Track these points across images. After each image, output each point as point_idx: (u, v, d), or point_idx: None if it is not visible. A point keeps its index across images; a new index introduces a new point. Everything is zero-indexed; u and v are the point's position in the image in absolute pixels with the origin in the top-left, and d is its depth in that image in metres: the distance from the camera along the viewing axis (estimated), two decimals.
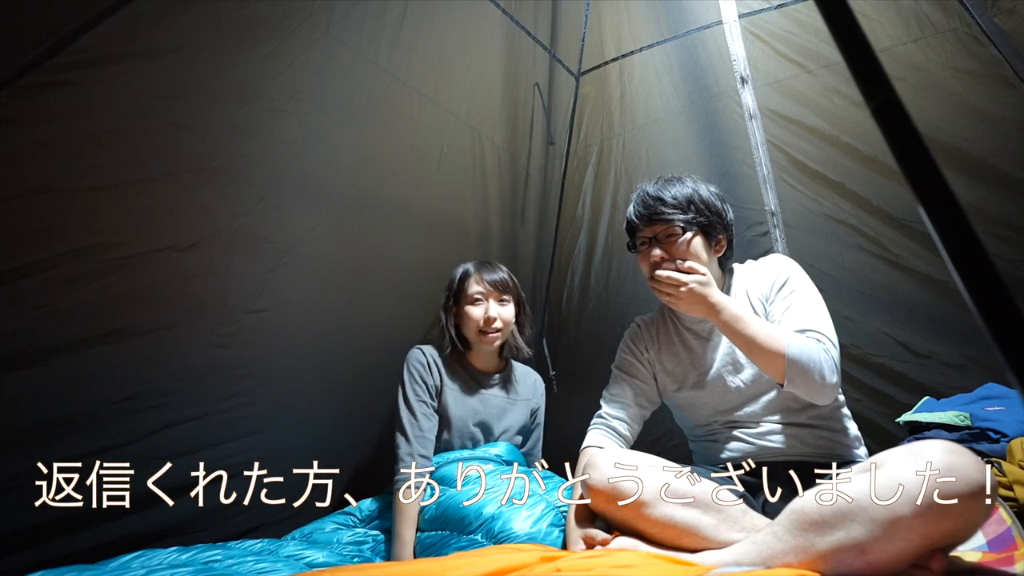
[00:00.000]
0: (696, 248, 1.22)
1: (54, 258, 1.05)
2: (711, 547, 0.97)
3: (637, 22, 2.10)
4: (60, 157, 1.02)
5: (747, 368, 1.23)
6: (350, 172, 1.52)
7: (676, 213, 1.21)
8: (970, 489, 0.76)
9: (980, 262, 0.45)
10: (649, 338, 1.36)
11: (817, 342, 1.11)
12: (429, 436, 1.43)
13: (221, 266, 1.30)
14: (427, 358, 1.51)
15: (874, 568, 0.81)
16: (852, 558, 0.82)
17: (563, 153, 2.27)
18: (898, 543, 0.79)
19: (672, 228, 1.21)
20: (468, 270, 1.54)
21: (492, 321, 1.49)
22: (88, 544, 1.15)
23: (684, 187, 1.24)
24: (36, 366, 1.08)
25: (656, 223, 1.22)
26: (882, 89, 0.50)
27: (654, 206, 1.22)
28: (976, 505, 0.77)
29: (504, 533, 1.18)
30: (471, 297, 1.50)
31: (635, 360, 1.35)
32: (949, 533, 0.79)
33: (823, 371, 1.08)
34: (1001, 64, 1.56)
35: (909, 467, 0.80)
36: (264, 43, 1.23)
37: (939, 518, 0.77)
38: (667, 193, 1.23)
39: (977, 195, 1.62)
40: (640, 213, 1.25)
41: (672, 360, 1.32)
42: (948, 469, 0.77)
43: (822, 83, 1.81)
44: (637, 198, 1.27)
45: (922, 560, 0.81)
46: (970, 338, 1.67)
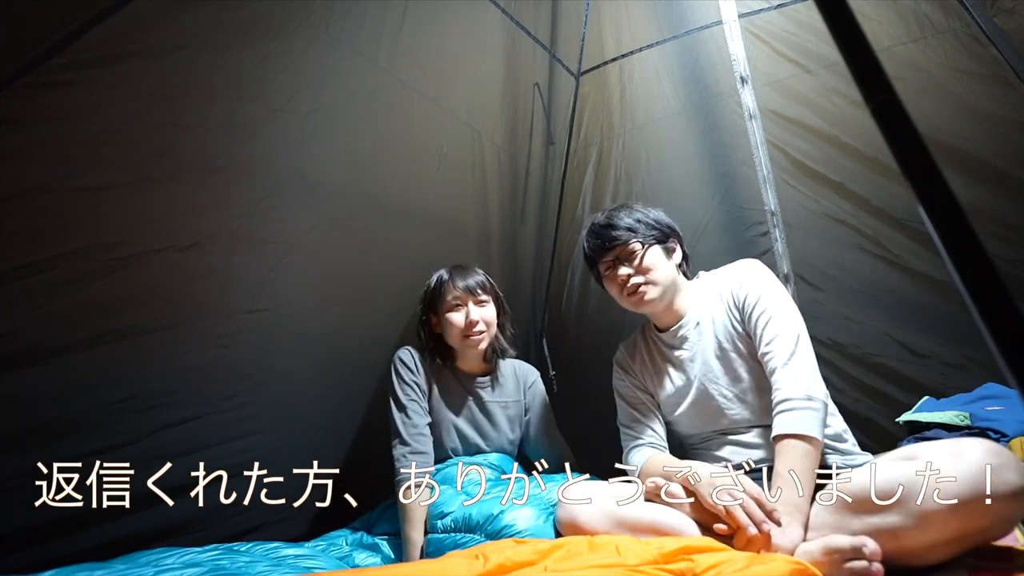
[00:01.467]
0: (654, 258, 1.29)
1: (54, 258, 1.05)
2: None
3: (637, 22, 2.10)
4: (60, 157, 1.02)
5: (726, 376, 1.25)
6: (350, 172, 1.52)
7: (628, 234, 1.29)
8: (1009, 490, 0.79)
9: (980, 262, 0.45)
10: (634, 360, 1.41)
11: (812, 412, 1.08)
12: (424, 432, 1.43)
13: (221, 266, 1.30)
14: (414, 359, 1.51)
15: (906, 552, 0.86)
16: (885, 541, 0.86)
17: (563, 153, 2.27)
18: (931, 533, 0.83)
19: (628, 248, 1.29)
20: (443, 276, 1.53)
21: (474, 324, 1.47)
22: (88, 544, 1.15)
23: (630, 212, 1.33)
24: (36, 366, 1.07)
25: (613, 248, 1.30)
26: (882, 89, 0.50)
27: (605, 234, 1.31)
28: (1015, 505, 0.80)
29: (506, 532, 1.18)
30: (449, 303, 1.49)
31: (632, 383, 1.39)
32: (984, 529, 0.83)
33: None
34: (1001, 64, 1.56)
35: (949, 465, 0.83)
36: (264, 43, 1.23)
37: (976, 516, 0.80)
38: (615, 220, 1.32)
39: (977, 195, 1.62)
40: (595, 245, 1.33)
41: (659, 377, 1.35)
42: (988, 469, 0.80)
43: (822, 83, 1.81)
44: (588, 233, 1.36)
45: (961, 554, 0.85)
46: (970, 338, 1.67)
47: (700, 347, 1.29)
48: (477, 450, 1.53)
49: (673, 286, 1.31)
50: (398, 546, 1.35)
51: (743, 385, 1.23)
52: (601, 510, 1.10)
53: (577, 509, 1.11)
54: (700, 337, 1.30)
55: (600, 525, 1.08)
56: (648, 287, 1.28)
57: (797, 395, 1.09)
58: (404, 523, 1.30)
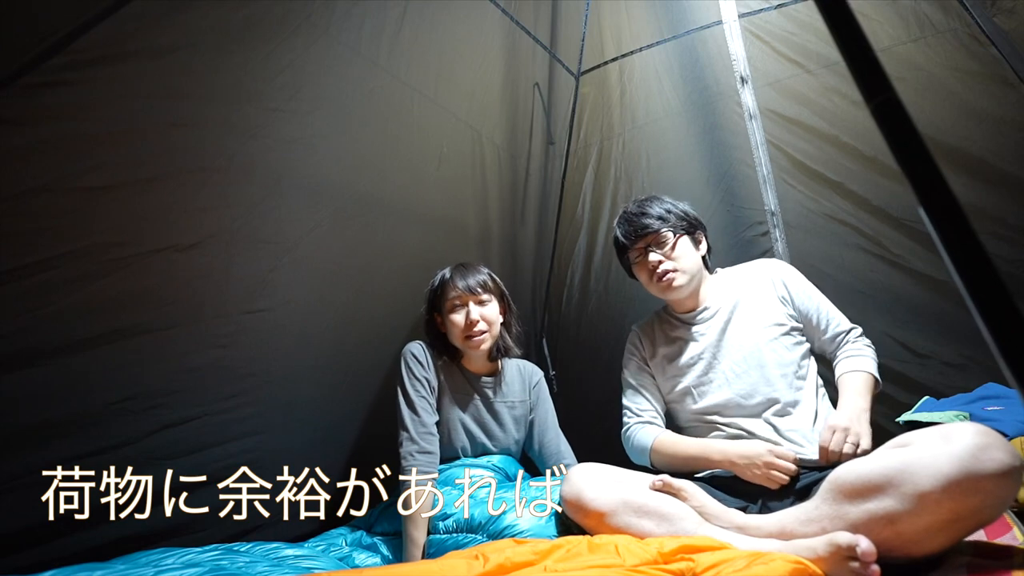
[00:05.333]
0: (684, 248, 1.38)
1: (54, 258, 1.05)
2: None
3: (637, 22, 2.10)
4: (60, 157, 1.02)
5: (741, 352, 1.33)
6: (350, 172, 1.52)
7: (659, 223, 1.37)
8: (999, 468, 0.81)
9: (980, 262, 0.45)
10: (648, 342, 1.46)
11: (868, 348, 1.35)
12: (432, 431, 1.41)
13: (221, 266, 1.30)
14: (425, 353, 1.50)
15: (903, 538, 0.86)
16: (881, 527, 0.87)
17: (563, 153, 2.27)
18: (926, 516, 0.84)
19: (660, 235, 1.37)
20: (444, 276, 1.52)
21: (474, 324, 1.46)
22: (88, 544, 1.15)
23: (661, 202, 1.42)
24: (36, 366, 1.07)
25: (646, 236, 1.38)
26: (882, 89, 0.50)
27: (638, 221, 1.39)
28: (1005, 484, 0.82)
29: (507, 533, 1.18)
30: (451, 303, 1.49)
31: (640, 363, 1.45)
32: (977, 510, 0.83)
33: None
34: (1001, 64, 1.56)
35: (939, 447, 0.85)
36: (264, 43, 1.23)
37: (967, 495, 0.81)
38: (648, 208, 1.40)
39: (977, 195, 1.62)
40: (628, 231, 1.41)
41: (676, 354, 1.40)
42: (978, 449, 0.82)
43: (822, 83, 1.81)
44: (621, 220, 1.44)
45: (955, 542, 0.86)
46: (970, 338, 1.67)
47: (718, 327, 1.37)
48: (484, 450, 1.53)
49: (698, 275, 1.40)
50: (398, 546, 1.35)
51: (758, 359, 1.32)
52: (607, 488, 1.10)
53: (583, 485, 1.11)
54: (720, 320, 1.38)
55: (605, 504, 1.08)
56: (677, 274, 1.35)
57: (863, 346, 1.34)
58: (407, 522, 1.29)
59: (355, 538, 1.44)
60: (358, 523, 1.49)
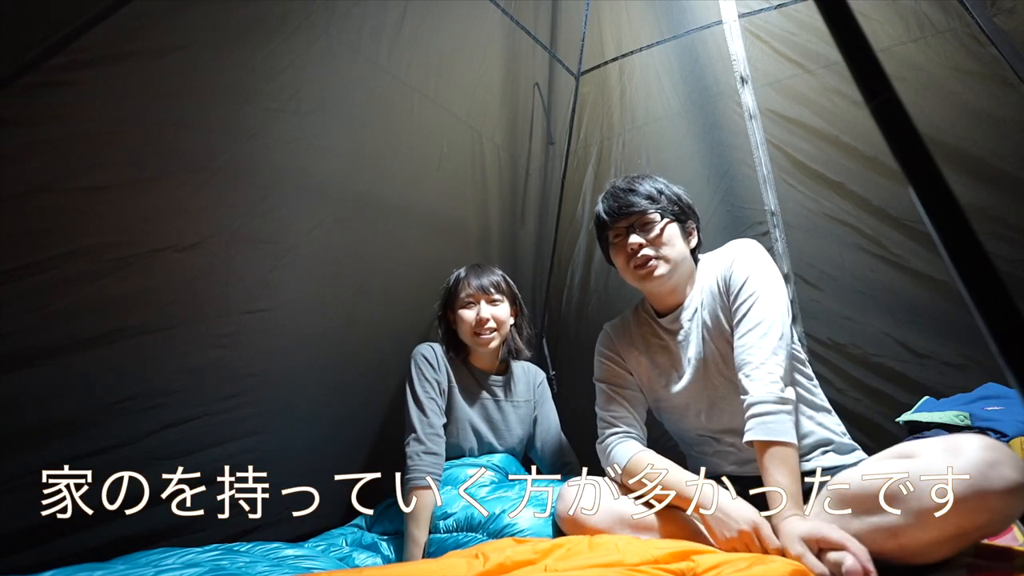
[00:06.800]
0: (671, 235, 1.22)
1: (54, 258, 1.05)
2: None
3: (637, 22, 2.10)
4: (60, 157, 1.02)
5: (724, 363, 1.18)
6: (350, 172, 1.52)
7: (648, 203, 1.22)
8: (1007, 486, 0.79)
9: (980, 262, 0.45)
10: (625, 342, 1.33)
11: (787, 416, 1.04)
12: (439, 433, 1.42)
13: (221, 266, 1.30)
14: (435, 354, 1.51)
15: (906, 550, 0.85)
16: (885, 539, 0.86)
17: (563, 153, 2.27)
18: (931, 531, 0.82)
19: (646, 217, 1.21)
20: (460, 274, 1.56)
21: (484, 322, 1.49)
22: (88, 544, 1.15)
23: (653, 181, 1.26)
24: (36, 366, 1.07)
25: (631, 214, 1.22)
26: (882, 89, 0.50)
27: (626, 198, 1.23)
28: (1012, 501, 0.80)
29: (507, 532, 1.18)
30: (463, 301, 1.51)
31: (616, 367, 1.32)
32: (983, 525, 0.82)
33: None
34: (1001, 64, 1.56)
35: (946, 461, 0.82)
36: (264, 43, 1.23)
37: (974, 513, 0.80)
38: (638, 185, 1.24)
39: (977, 195, 1.62)
40: (612, 207, 1.25)
41: (656, 356, 1.29)
42: (986, 465, 0.79)
43: (822, 83, 1.81)
44: (606, 195, 1.28)
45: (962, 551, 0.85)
46: (970, 338, 1.67)
47: (699, 333, 1.22)
48: (490, 449, 1.54)
49: (682, 270, 1.23)
50: (398, 546, 1.35)
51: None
52: (602, 505, 1.10)
53: (578, 502, 1.11)
54: (700, 323, 1.23)
55: (600, 521, 1.09)
56: (659, 262, 1.20)
57: (770, 398, 1.04)
58: (408, 521, 1.29)
59: (355, 538, 1.44)
60: (358, 523, 1.49)
